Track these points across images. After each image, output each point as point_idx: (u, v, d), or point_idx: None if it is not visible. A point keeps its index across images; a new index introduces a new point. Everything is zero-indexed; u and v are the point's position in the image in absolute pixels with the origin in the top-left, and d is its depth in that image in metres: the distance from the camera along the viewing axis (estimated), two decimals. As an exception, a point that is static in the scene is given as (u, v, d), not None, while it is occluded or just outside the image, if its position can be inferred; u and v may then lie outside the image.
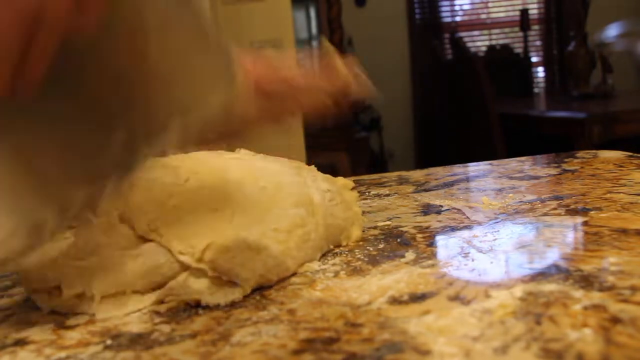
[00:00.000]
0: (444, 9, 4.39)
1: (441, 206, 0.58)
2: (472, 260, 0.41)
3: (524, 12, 4.13)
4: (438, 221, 0.53)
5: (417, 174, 0.77)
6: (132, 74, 0.37)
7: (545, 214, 0.51)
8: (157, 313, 0.38)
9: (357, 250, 0.46)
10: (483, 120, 3.03)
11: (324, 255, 0.45)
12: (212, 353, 0.31)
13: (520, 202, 0.56)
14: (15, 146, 0.37)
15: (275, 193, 0.45)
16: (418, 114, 4.38)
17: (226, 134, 0.57)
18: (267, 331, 0.33)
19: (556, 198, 0.56)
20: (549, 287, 0.35)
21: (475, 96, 3.05)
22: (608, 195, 0.55)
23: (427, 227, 0.51)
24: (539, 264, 0.39)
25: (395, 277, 0.39)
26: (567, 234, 0.46)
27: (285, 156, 0.60)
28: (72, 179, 0.38)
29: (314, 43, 3.41)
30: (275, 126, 0.59)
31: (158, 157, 0.45)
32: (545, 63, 4.40)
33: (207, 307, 0.38)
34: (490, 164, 0.80)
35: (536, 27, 4.34)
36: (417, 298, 0.35)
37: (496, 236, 0.46)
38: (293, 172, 0.49)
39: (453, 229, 0.50)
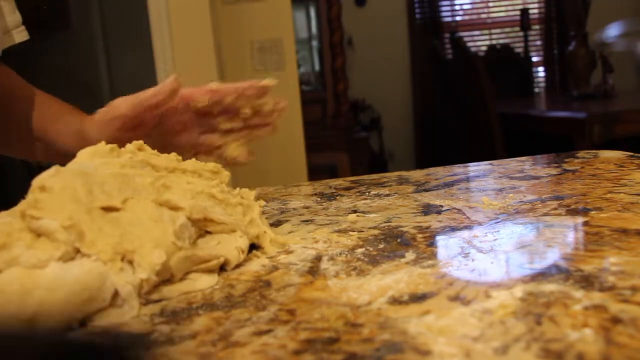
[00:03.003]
0: (444, 8, 4.39)
1: (441, 206, 0.58)
2: (472, 260, 0.41)
3: (524, 12, 4.13)
4: (438, 221, 0.53)
5: (417, 174, 0.77)
6: None
7: (545, 214, 0.51)
8: (157, 313, 0.37)
9: (357, 250, 0.46)
10: (483, 120, 3.03)
11: (323, 256, 0.45)
12: (212, 353, 0.31)
13: (521, 202, 0.56)
14: None
15: None
16: (418, 114, 4.38)
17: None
18: (267, 331, 0.33)
19: (556, 198, 0.56)
20: (549, 287, 0.35)
21: (475, 96, 3.05)
22: (608, 195, 0.55)
23: (427, 227, 0.51)
24: (539, 264, 0.39)
25: (395, 277, 0.39)
26: (567, 234, 0.46)
27: (286, 156, 0.60)
28: None
29: (314, 43, 3.41)
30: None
31: None
32: (546, 63, 4.40)
33: (207, 307, 0.38)
34: (490, 164, 0.80)
35: (536, 27, 4.34)
36: (417, 298, 0.35)
37: (496, 236, 0.46)
38: None
39: (453, 229, 0.50)
